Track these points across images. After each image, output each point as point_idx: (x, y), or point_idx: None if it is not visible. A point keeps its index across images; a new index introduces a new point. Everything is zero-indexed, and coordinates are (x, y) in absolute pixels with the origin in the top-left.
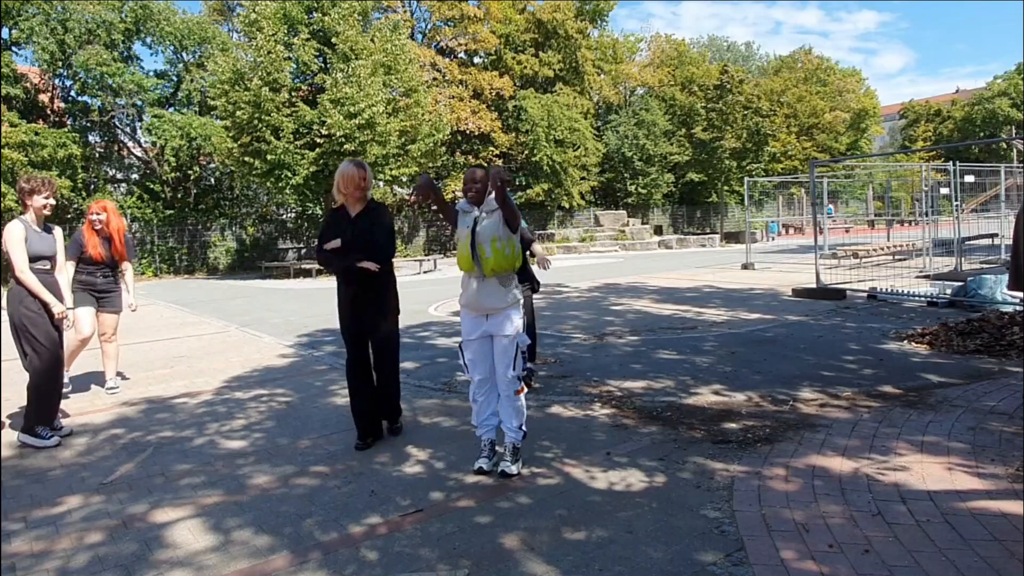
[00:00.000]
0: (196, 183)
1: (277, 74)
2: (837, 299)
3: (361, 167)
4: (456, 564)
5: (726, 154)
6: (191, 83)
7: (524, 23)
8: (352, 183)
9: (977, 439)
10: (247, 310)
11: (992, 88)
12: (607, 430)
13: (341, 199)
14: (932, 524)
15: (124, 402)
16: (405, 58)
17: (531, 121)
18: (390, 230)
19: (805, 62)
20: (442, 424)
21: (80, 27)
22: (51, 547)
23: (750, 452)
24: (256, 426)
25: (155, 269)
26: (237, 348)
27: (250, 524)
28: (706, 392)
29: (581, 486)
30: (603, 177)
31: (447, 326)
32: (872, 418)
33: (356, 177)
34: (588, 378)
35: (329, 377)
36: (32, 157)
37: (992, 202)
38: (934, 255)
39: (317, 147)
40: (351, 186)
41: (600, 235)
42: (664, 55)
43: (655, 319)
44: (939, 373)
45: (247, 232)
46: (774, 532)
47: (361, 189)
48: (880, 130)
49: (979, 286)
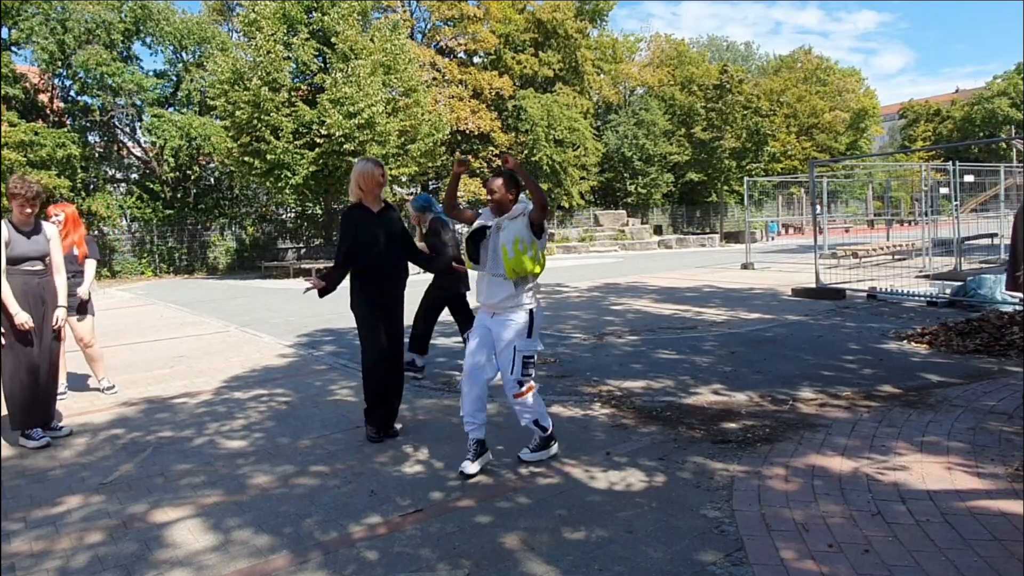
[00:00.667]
0: (196, 183)
1: (277, 74)
2: (837, 299)
3: (379, 165)
4: (456, 564)
5: (726, 154)
6: (191, 83)
7: (524, 23)
8: (373, 181)
9: (977, 439)
10: (247, 310)
11: (992, 88)
12: (607, 430)
13: (359, 196)
14: (932, 524)
15: (124, 402)
16: (405, 58)
17: (531, 121)
18: (406, 228)
19: (805, 62)
20: (442, 424)
21: (80, 27)
22: (51, 547)
23: (750, 452)
24: (256, 426)
25: (155, 269)
26: (237, 348)
27: (250, 524)
28: (706, 392)
29: (581, 486)
30: (603, 177)
31: (446, 326)
32: (872, 418)
33: (376, 175)
34: (588, 378)
35: (329, 377)
36: (31, 157)
37: (992, 202)
38: (934, 255)
39: (317, 147)
40: (372, 183)
41: (600, 235)
42: (664, 55)
43: (655, 319)
44: (939, 373)
45: (247, 232)
46: (774, 532)
47: (381, 187)
48: (880, 130)
49: (979, 286)
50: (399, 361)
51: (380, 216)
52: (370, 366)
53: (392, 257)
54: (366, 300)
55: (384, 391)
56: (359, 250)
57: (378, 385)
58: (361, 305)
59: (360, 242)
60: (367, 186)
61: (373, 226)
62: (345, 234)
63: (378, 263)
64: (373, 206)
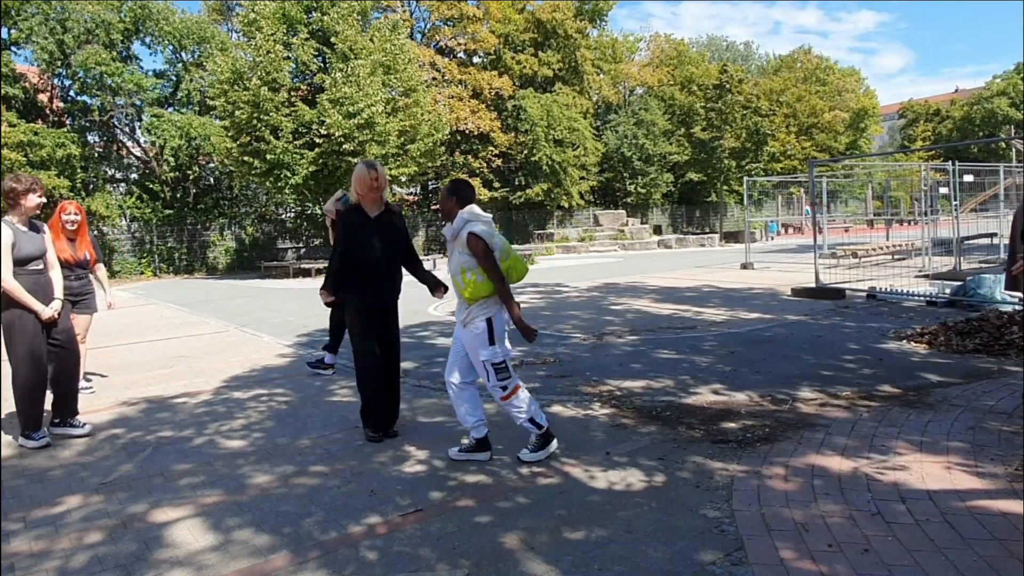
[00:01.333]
0: (195, 183)
1: (276, 74)
2: (836, 299)
3: (373, 167)
4: (456, 564)
5: (725, 154)
6: (190, 83)
7: (523, 23)
8: (364, 184)
9: (976, 438)
10: (246, 310)
11: (991, 88)
12: (606, 430)
13: (358, 200)
14: (931, 523)
15: (123, 402)
16: (404, 58)
17: (530, 121)
18: (408, 235)
19: (804, 62)
20: (442, 424)
21: (79, 27)
22: (51, 547)
23: (749, 452)
24: (256, 426)
25: (154, 269)
26: (236, 348)
27: (250, 524)
28: (705, 392)
29: (581, 486)
30: (602, 177)
31: (446, 326)
32: (871, 417)
33: (368, 178)
34: (587, 378)
35: (328, 377)
36: (31, 157)
37: (991, 202)
38: (933, 254)
39: (316, 147)
40: (364, 188)
41: (599, 235)
42: (663, 55)
43: (654, 319)
44: (938, 372)
45: (246, 232)
46: (773, 531)
47: (375, 190)
48: (879, 130)
49: (978, 285)
50: (395, 363)
51: (377, 221)
52: (360, 371)
53: (385, 262)
54: (357, 305)
55: (379, 394)
56: (351, 254)
57: (371, 389)
58: (351, 310)
59: (353, 246)
60: (361, 190)
61: (367, 231)
62: (339, 238)
63: (371, 268)
64: (371, 210)
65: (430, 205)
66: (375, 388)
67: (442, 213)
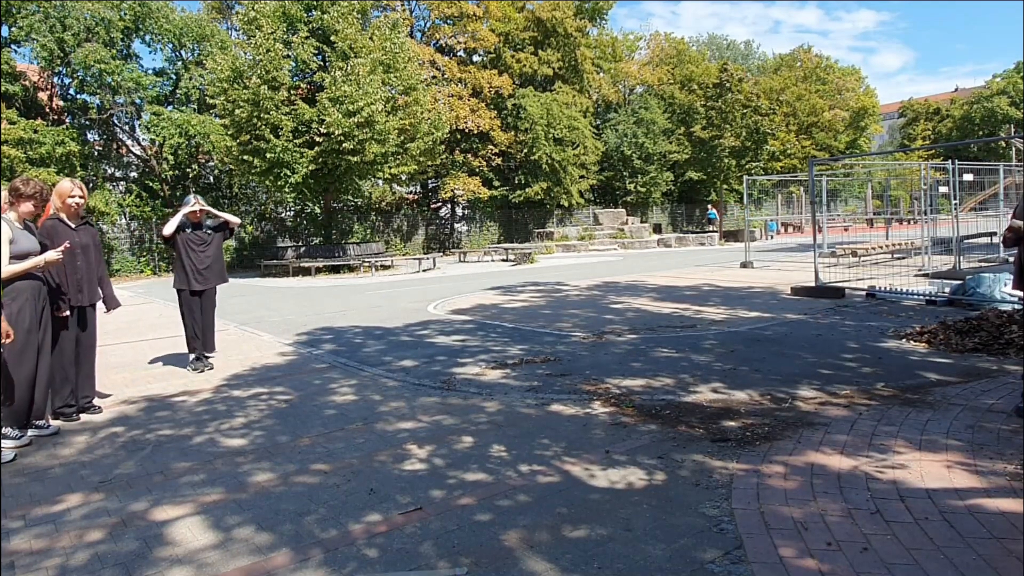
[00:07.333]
0: (195, 181)
1: (276, 72)
2: (836, 297)
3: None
4: (456, 562)
5: (725, 152)
6: (190, 81)
7: (523, 21)
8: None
9: (975, 437)
10: (246, 308)
11: (991, 87)
12: (606, 428)
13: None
14: (930, 522)
15: (123, 400)
16: (404, 56)
17: (530, 119)
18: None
19: (804, 61)
20: (441, 422)
21: (79, 25)
22: (51, 545)
23: (749, 450)
24: (256, 424)
25: (153, 267)
26: (236, 346)
27: (250, 522)
28: (705, 390)
29: (580, 484)
30: (602, 175)
31: (446, 324)
32: (871, 416)
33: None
34: (587, 376)
35: (329, 375)
36: (31, 154)
37: (991, 201)
38: (933, 253)
39: (316, 145)
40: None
41: (599, 233)
42: (663, 54)
43: (654, 317)
44: (937, 371)
45: (246, 230)
46: (773, 530)
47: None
48: (879, 129)
49: (978, 284)
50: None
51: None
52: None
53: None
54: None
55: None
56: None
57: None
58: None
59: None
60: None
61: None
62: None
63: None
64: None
65: (430, 204)
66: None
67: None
